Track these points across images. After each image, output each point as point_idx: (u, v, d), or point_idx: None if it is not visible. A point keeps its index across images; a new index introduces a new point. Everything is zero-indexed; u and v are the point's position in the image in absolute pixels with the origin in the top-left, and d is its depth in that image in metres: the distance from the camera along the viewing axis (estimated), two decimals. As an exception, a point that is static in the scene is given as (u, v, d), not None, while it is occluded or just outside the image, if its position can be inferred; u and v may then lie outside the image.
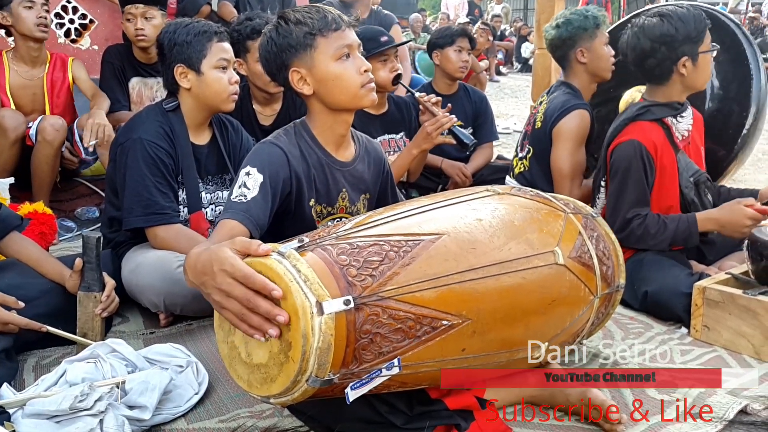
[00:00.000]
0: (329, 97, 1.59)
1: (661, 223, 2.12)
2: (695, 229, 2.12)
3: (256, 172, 1.50)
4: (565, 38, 2.57)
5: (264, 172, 1.50)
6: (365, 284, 1.16)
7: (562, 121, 2.51)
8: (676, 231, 2.12)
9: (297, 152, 1.60)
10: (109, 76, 3.22)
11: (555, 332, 1.45)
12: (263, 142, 1.62)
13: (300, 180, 1.59)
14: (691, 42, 2.12)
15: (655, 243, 2.13)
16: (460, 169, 3.17)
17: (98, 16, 3.76)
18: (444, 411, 1.41)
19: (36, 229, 2.36)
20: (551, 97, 2.64)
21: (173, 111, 2.14)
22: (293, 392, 1.15)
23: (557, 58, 2.69)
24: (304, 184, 1.60)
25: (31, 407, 1.44)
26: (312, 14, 1.56)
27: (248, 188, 1.48)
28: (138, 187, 2.04)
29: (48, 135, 2.89)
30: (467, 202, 1.42)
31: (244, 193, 1.47)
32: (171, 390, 1.58)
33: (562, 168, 2.55)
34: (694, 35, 2.12)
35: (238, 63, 2.55)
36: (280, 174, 1.54)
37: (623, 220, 2.14)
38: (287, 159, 1.56)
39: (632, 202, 2.14)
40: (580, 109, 2.51)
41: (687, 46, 2.13)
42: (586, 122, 2.52)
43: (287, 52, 1.56)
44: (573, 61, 2.59)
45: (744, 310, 1.83)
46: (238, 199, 1.47)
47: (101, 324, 1.92)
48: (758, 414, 1.55)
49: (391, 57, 2.65)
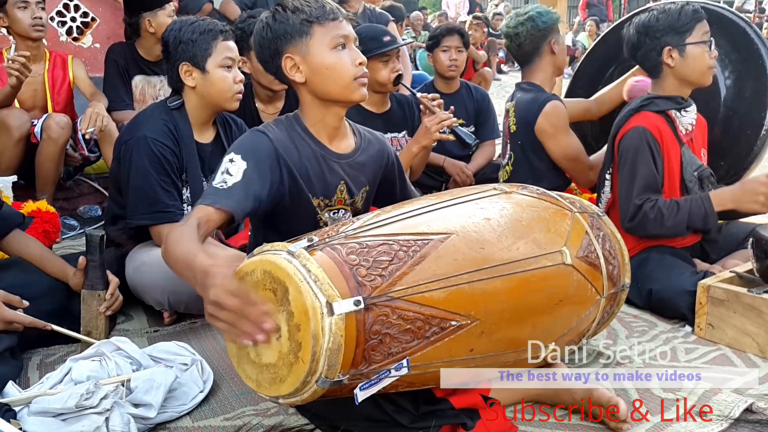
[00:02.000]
0: (321, 86, 1.57)
1: (674, 205, 2.10)
2: (710, 207, 2.09)
3: (239, 159, 1.48)
4: (541, 29, 2.59)
5: (248, 159, 1.48)
6: (375, 284, 1.16)
7: (540, 119, 2.54)
8: (690, 211, 2.09)
9: (288, 143, 1.58)
10: (112, 74, 3.22)
11: (562, 332, 1.45)
12: (250, 130, 1.61)
13: (292, 170, 1.57)
14: (675, 32, 2.15)
15: (671, 226, 2.10)
16: (461, 168, 3.18)
17: (100, 14, 3.75)
18: (450, 410, 1.41)
19: (39, 227, 2.36)
20: (516, 101, 2.67)
21: (178, 109, 2.14)
22: (303, 393, 1.15)
23: (527, 52, 2.67)
24: (298, 176, 1.58)
25: (36, 405, 1.44)
26: (310, 3, 1.55)
27: (230, 174, 1.45)
28: (142, 185, 2.03)
29: (53, 133, 2.89)
30: (475, 200, 1.42)
31: (225, 180, 1.45)
32: (176, 388, 1.58)
33: (567, 156, 2.58)
34: (678, 26, 2.14)
35: (242, 61, 2.55)
36: (265, 161, 1.51)
37: (635, 207, 2.12)
38: (274, 147, 1.54)
39: (643, 188, 2.13)
40: (550, 100, 2.54)
41: (670, 37, 2.15)
42: (561, 109, 2.55)
43: (282, 39, 1.55)
44: (545, 53, 2.62)
45: (748, 309, 1.83)
46: (219, 185, 1.44)
47: (105, 322, 1.92)
48: (763, 412, 1.55)
49: (392, 57, 2.65)
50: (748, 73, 2.59)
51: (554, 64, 2.64)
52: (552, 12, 2.63)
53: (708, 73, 2.18)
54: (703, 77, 2.19)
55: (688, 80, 2.21)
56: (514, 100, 2.70)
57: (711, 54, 2.17)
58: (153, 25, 3.15)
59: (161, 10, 3.15)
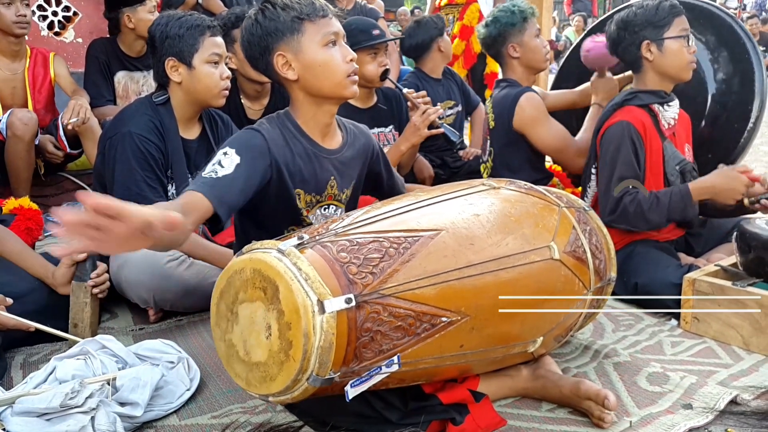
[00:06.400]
0: (314, 83, 1.57)
1: (653, 198, 2.12)
2: (689, 199, 2.12)
3: (234, 153, 1.46)
4: (495, 36, 2.62)
5: (242, 154, 1.46)
6: (366, 282, 1.16)
7: (517, 112, 2.55)
8: (670, 204, 2.11)
9: (281, 141, 1.57)
10: (93, 71, 3.18)
11: (550, 327, 1.45)
12: (246, 128, 1.60)
13: (281, 169, 1.56)
14: (652, 27, 2.18)
15: (651, 219, 2.12)
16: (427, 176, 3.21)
17: (82, 8, 3.70)
18: (438, 406, 1.41)
19: (22, 224, 2.32)
20: (493, 97, 2.69)
21: (163, 105, 2.12)
22: (293, 391, 1.14)
23: (493, 56, 2.74)
24: (286, 174, 1.57)
25: (20, 405, 1.42)
26: (300, 0, 1.55)
27: (222, 167, 1.43)
28: (127, 181, 2.02)
29: (17, 130, 2.84)
30: (464, 196, 1.42)
31: (215, 170, 1.43)
32: (162, 386, 1.57)
33: (551, 144, 2.59)
34: (656, 20, 2.18)
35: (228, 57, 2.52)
36: (258, 161, 1.50)
37: (615, 200, 2.14)
38: (268, 146, 1.53)
39: (623, 181, 2.15)
40: (524, 93, 2.55)
41: (648, 31, 2.18)
42: (536, 99, 2.56)
43: (273, 36, 1.54)
44: (507, 57, 2.64)
45: (733, 302, 1.84)
46: (208, 174, 1.42)
47: (92, 315, 1.91)
48: (748, 404, 1.56)
49: (381, 51, 2.64)
50: (735, 67, 2.63)
51: (523, 65, 2.63)
52: (511, 14, 2.60)
53: (687, 67, 2.20)
54: (682, 72, 2.21)
55: (667, 74, 2.23)
56: (492, 98, 2.71)
57: (689, 49, 2.19)
58: (132, 20, 3.12)
59: (141, 6, 3.12)
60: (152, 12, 3.15)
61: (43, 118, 3.13)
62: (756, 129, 2.64)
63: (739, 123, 2.61)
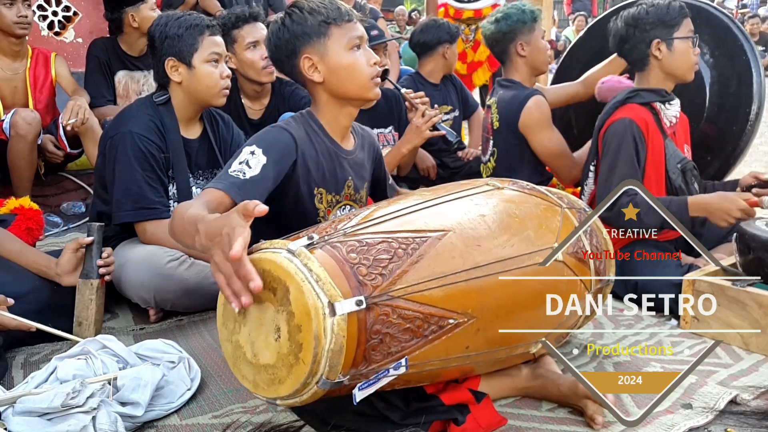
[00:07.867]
0: (339, 86, 1.60)
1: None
2: (686, 212, 2.12)
3: (261, 154, 1.47)
4: (505, 32, 2.61)
5: (269, 155, 1.48)
6: (375, 283, 1.15)
7: (523, 115, 2.55)
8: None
9: (307, 139, 1.61)
10: (94, 71, 3.18)
11: (551, 327, 1.45)
12: (273, 126, 1.62)
13: (307, 166, 1.59)
14: (663, 26, 2.18)
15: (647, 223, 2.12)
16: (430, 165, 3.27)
17: (82, 8, 3.70)
18: (440, 406, 1.41)
19: (23, 224, 2.31)
20: (497, 97, 2.68)
21: (164, 104, 2.12)
22: (302, 394, 1.13)
23: (497, 53, 2.72)
24: (312, 171, 1.60)
25: (21, 405, 1.41)
26: (326, 4, 1.59)
27: (249, 167, 1.44)
28: (128, 182, 2.01)
29: (21, 129, 2.84)
30: (470, 197, 1.42)
31: (243, 170, 1.43)
32: (163, 386, 1.56)
33: (550, 152, 2.59)
34: (667, 19, 2.18)
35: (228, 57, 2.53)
36: (284, 160, 1.53)
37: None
38: (296, 144, 1.56)
39: (623, 179, 2.15)
40: (533, 96, 2.55)
41: (659, 30, 2.19)
42: (544, 105, 2.56)
43: (300, 39, 1.58)
44: (513, 55, 2.63)
45: (733, 302, 1.85)
46: (236, 174, 1.43)
47: (96, 312, 1.91)
48: (747, 404, 1.57)
49: (380, 51, 2.64)
50: (733, 69, 2.63)
51: (528, 65, 2.64)
52: (522, 12, 2.60)
53: (691, 68, 2.22)
54: (687, 72, 2.23)
55: (673, 74, 2.24)
56: (495, 96, 2.70)
57: (695, 51, 2.21)
58: (137, 19, 3.11)
59: (144, 4, 3.12)
60: (154, 9, 3.15)
61: (44, 118, 3.12)
62: (754, 130, 2.65)
63: (738, 125, 2.62)
